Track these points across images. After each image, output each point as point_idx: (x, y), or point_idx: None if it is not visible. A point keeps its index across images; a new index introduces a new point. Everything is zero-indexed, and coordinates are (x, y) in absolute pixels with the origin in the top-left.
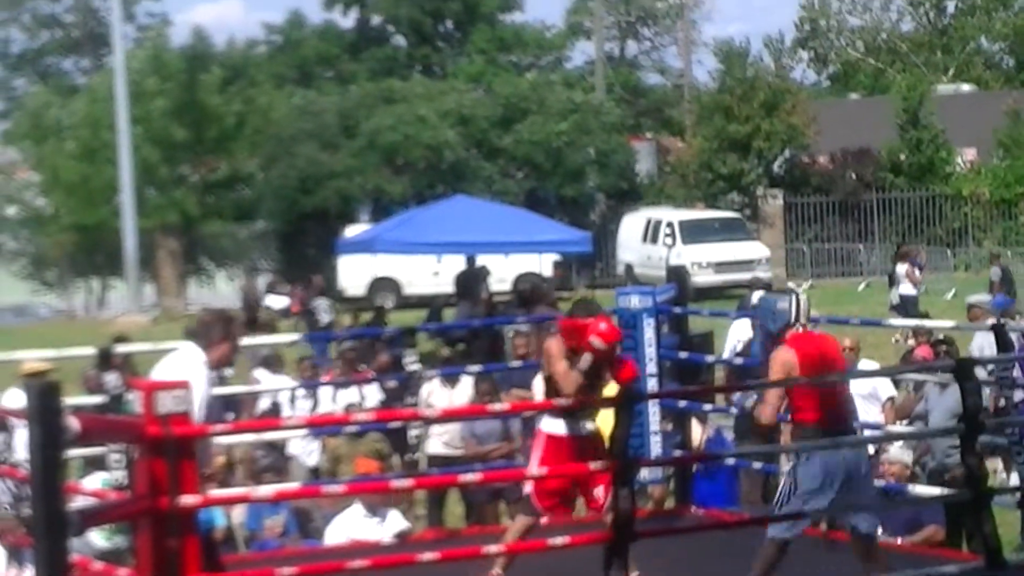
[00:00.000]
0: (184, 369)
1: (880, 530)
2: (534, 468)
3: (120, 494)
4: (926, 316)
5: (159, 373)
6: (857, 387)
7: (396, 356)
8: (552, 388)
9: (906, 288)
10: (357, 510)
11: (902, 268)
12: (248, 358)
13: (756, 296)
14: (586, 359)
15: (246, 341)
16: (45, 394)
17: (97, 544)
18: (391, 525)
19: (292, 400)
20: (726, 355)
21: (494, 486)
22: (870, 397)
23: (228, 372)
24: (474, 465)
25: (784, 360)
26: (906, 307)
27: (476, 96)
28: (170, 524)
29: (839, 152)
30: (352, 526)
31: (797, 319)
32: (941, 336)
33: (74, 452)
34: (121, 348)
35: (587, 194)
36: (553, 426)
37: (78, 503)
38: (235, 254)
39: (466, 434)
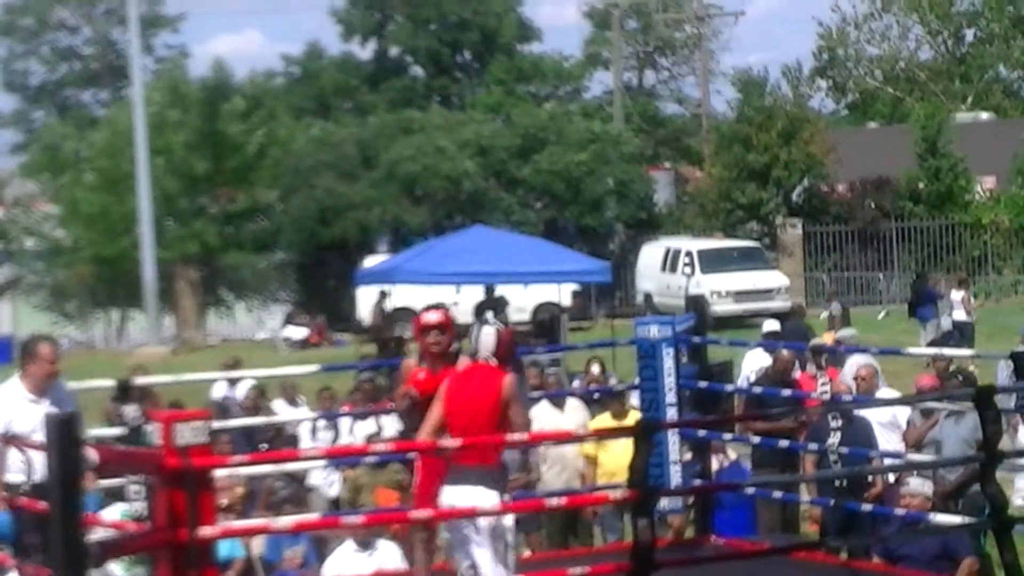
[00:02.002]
0: None
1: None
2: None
3: (139, 525)
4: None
5: None
6: (877, 415)
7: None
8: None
9: (960, 314)
10: (348, 546)
11: (958, 295)
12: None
13: (768, 325)
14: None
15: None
16: (64, 426)
17: (117, 575)
18: (381, 557)
19: (314, 431)
20: (741, 384)
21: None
22: (890, 425)
23: (238, 395)
24: None
25: (439, 390)
26: (962, 333)
27: (495, 126)
28: (189, 555)
29: (858, 181)
30: (344, 563)
31: (476, 351)
32: (952, 368)
33: (94, 483)
34: (140, 380)
35: (606, 224)
36: None
37: (97, 534)
38: (254, 285)
39: None
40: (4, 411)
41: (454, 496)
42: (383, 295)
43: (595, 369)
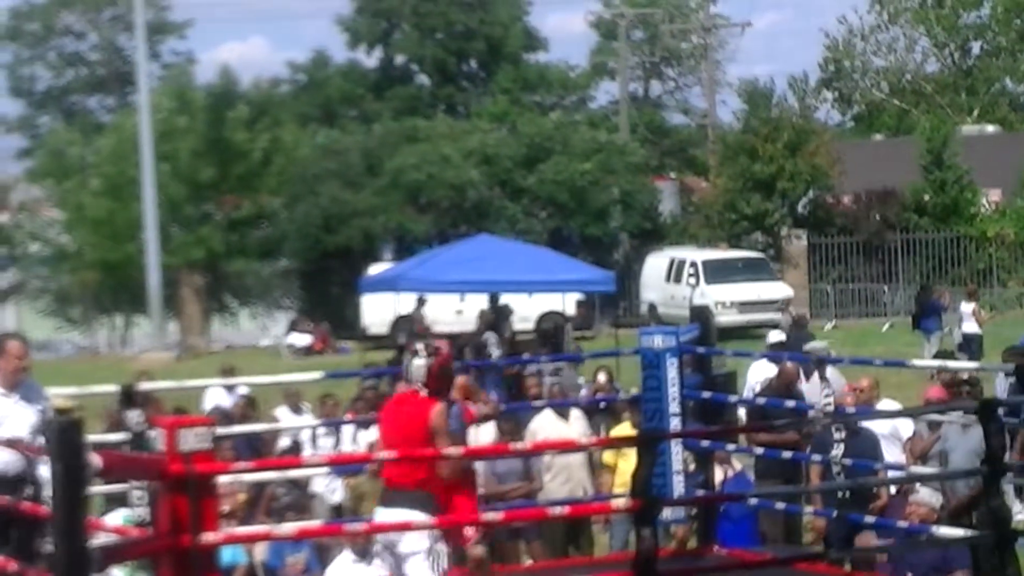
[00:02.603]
0: None
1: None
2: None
3: (142, 531)
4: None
5: None
6: (877, 427)
7: None
8: None
9: (971, 327)
10: (346, 556)
11: (968, 307)
12: None
13: (773, 335)
14: None
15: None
16: (68, 431)
17: None
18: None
19: (314, 438)
20: (745, 395)
21: (514, 525)
22: (890, 437)
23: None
24: (495, 504)
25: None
26: (970, 346)
27: (500, 135)
28: (192, 561)
29: (863, 193)
30: (343, 573)
31: (407, 379)
32: (965, 376)
33: (97, 488)
34: (144, 385)
35: (611, 234)
36: None
37: (100, 540)
38: (259, 292)
39: (487, 473)
40: None
41: (385, 518)
42: (422, 301)
43: (602, 378)
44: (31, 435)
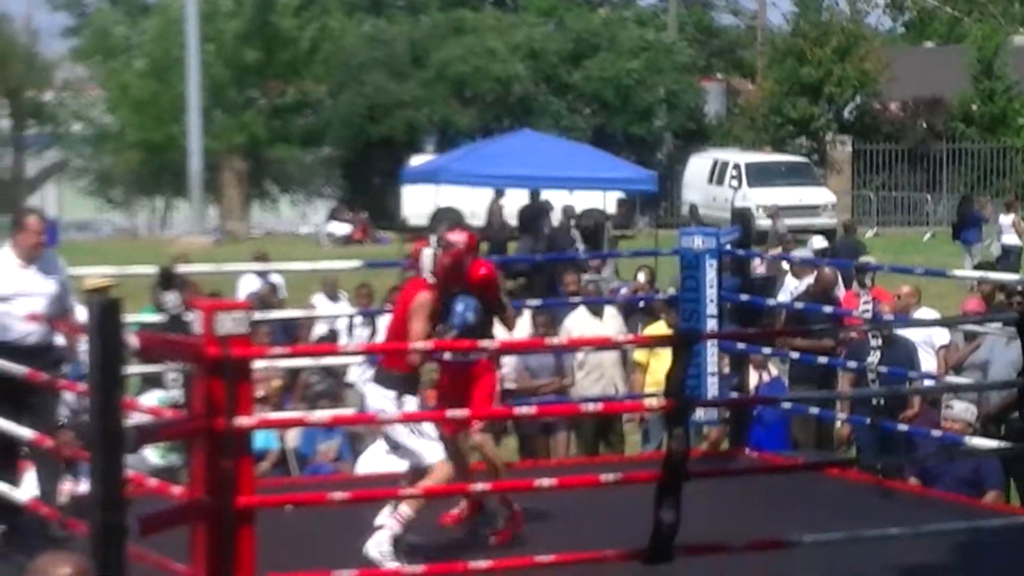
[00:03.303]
0: None
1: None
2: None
3: (176, 413)
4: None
5: None
6: (913, 334)
7: None
8: None
9: (1010, 238)
10: (379, 447)
11: (1007, 219)
12: None
13: (816, 241)
14: None
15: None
16: (106, 310)
17: (152, 461)
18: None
19: (351, 328)
20: (783, 299)
21: (545, 420)
22: (924, 344)
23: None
24: (528, 399)
25: None
26: (1008, 258)
27: (547, 30)
28: (225, 444)
29: (911, 100)
30: (376, 463)
31: (419, 269)
32: (1020, 288)
33: (133, 369)
34: (183, 269)
35: (655, 133)
36: None
37: (135, 420)
38: (300, 179)
39: (519, 368)
40: (4, 279)
41: (371, 392)
42: (500, 193)
43: (641, 277)
44: (50, 305)
